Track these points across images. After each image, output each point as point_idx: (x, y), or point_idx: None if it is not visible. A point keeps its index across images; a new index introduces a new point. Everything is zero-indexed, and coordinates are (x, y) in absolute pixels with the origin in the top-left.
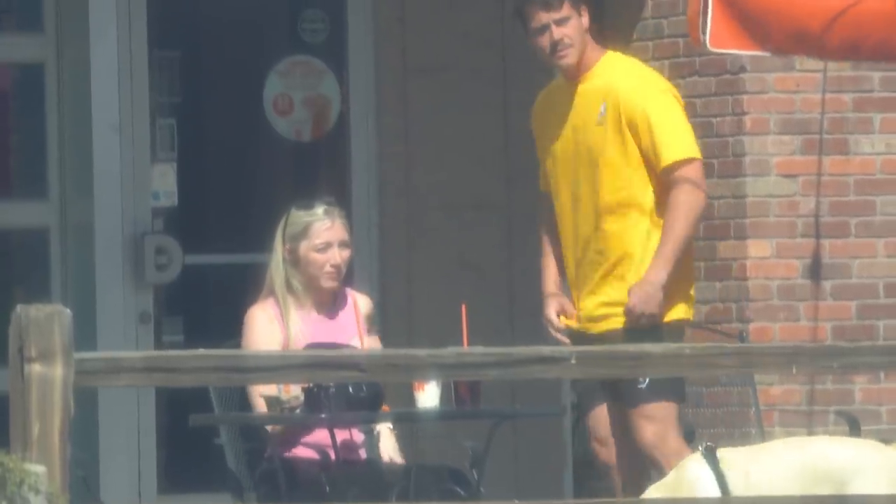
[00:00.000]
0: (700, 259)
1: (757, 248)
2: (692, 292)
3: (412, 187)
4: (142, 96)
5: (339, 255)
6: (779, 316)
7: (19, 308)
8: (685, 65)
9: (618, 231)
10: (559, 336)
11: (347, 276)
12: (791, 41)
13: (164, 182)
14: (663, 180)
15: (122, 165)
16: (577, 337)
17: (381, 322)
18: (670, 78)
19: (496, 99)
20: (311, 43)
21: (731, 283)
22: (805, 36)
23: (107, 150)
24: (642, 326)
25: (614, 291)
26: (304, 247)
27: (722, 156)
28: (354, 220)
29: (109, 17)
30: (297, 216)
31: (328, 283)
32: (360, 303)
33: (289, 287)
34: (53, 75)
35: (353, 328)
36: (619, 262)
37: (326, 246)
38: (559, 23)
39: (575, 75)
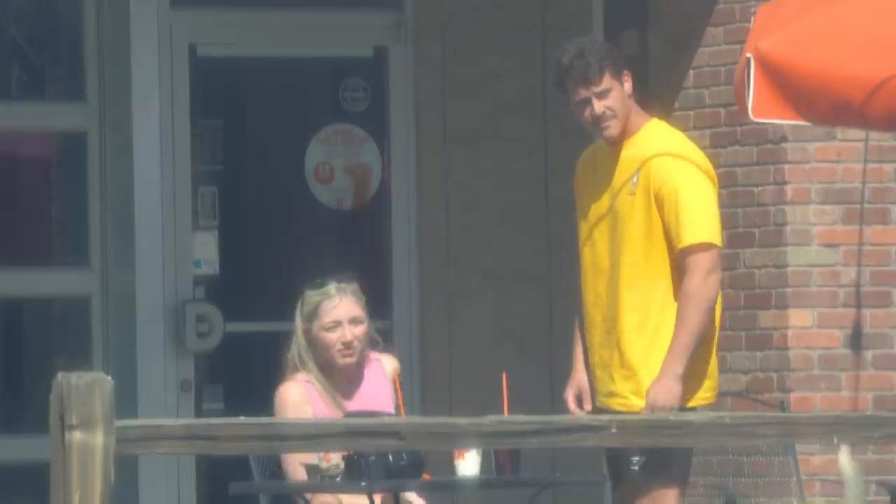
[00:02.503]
0: (741, 328)
1: (798, 318)
2: (714, 375)
3: (452, 256)
4: (184, 164)
5: (349, 332)
6: (820, 385)
7: (60, 376)
8: (726, 134)
9: (632, 302)
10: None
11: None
12: (833, 111)
13: (206, 250)
14: (679, 261)
15: (164, 233)
16: (599, 412)
17: (421, 390)
18: (711, 147)
19: (537, 168)
20: (353, 111)
21: (772, 352)
22: (847, 106)
23: (148, 218)
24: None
25: (621, 366)
26: (315, 327)
27: (763, 225)
28: (395, 289)
29: (152, 85)
30: (310, 297)
31: (343, 361)
32: (386, 365)
33: (309, 366)
34: (96, 144)
35: (385, 395)
36: (629, 334)
37: (335, 325)
38: (600, 96)
39: (617, 141)
